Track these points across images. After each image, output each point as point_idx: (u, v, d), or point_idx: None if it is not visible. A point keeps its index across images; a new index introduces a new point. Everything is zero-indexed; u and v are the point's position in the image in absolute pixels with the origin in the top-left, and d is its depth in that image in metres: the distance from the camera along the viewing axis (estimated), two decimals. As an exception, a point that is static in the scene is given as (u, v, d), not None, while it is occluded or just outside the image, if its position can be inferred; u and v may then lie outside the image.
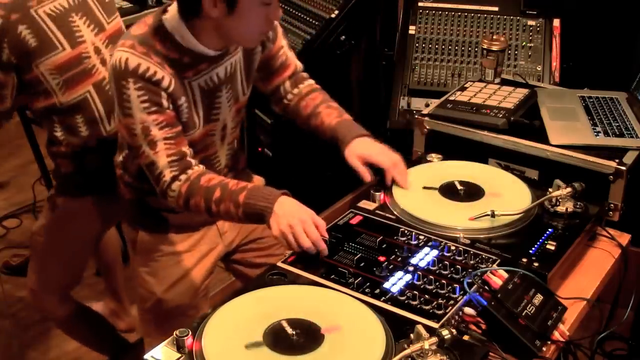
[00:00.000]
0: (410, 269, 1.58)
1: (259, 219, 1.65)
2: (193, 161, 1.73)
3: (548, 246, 1.66)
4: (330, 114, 1.93)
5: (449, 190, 1.86)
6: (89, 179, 2.29)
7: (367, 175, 1.84)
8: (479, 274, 1.51)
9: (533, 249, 1.65)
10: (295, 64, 2.01)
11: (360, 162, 1.84)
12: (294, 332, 1.36)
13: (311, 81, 2.03)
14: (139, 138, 1.69)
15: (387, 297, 1.50)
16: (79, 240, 2.44)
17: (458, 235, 1.69)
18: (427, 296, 1.49)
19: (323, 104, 1.96)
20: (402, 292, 1.51)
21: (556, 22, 2.87)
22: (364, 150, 1.85)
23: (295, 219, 1.60)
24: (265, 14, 1.67)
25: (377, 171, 1.86)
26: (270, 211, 1.62)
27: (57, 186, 2.38)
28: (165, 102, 1.68)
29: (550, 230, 1.72)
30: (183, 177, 1.71)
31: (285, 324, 1.38)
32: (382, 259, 1.61)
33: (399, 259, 1.62)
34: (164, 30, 1.70)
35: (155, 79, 1.66)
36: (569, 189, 1.79)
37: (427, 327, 1.35)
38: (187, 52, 1.72)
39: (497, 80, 2.42)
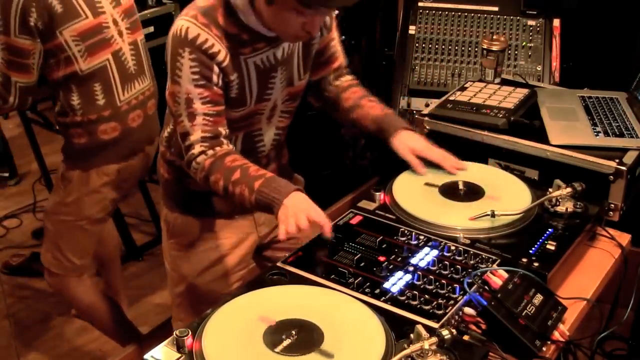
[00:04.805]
0: (410, 269, 1.58)
1: (268, 209, 1.67)
2: (225, 141, 1.75)
3: (548, 246, 1.66)
4: (374, 106, 1.98)
5: (449, 190, 1.86)
6: (102, 149, 2.39)
7: (420, 168, 1.90)
8: (479, 274, 1.51)
9: (533, 249, 1.65)
10: (342, 58, 2.02)
11: (411, 155, 1.90)
12: (294, 332, 1.36)
13: (350, 76, 2.06)
14: (181, 107, 1.73)
15: (387, 297, 1.50)
16: (95, 214, 2.52)
17: (458, 235, 1.69)
18: (427, 296, 1.49)
19: (365, 98, 1.99)
20: (402, 292, 1.51)
21: (556, 22, 2.87)
22: (414, 144, 1.92)
23: (301, 211, 1.61)
24: (301, 22, 1.67)
25: (427, 164, 1.92)
26: (279, 204, 1.64)
27: (68, 161, 2.47)
28: (215, 78, 1.71)
29: (550, 230, 1.72)
30: (210, 152, 1.73)
31: (285, 324, 1.38)
32: (382, 259, 1.61)
33: (399, 259, 1.62)
34: (229, 5, 1.72)
35: (211, 52, 1.69)
36: (569, 189, 1.79)
37: (427, 327, 1.35)
38: (246, 29, 1.73)
39: (497, 80, 2.42)
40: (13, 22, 2.18)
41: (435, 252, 1.64)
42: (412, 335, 1.33)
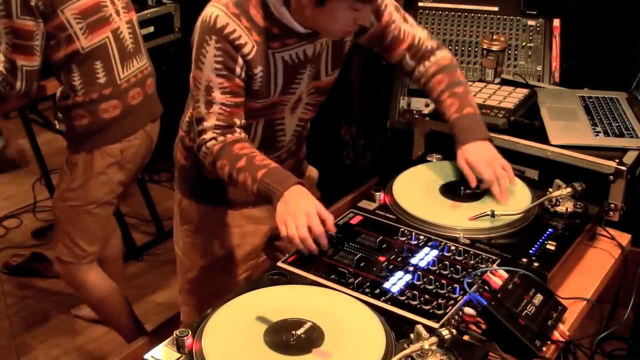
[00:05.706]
0: (410, 269, 1.58)
1: (269, 200, 1.67)
2: (238, 130, 1.75)
3: (548, 246, 1.66)
4: (452, 105, 1.90)
5: (449, 190, 1.86)
6: (104, 129, 2.42)
7: (472, 181, 1.83)
8: (479, 274, 1.52)
9: (533, 249, 1.65)
10: (413, 35, 1.95)
11: (467, 167, 1.84)
12: (294, 332, 1.36)
13: (438, 56, 1.95)
14: (200, 93, 1.74)
15: (387, 297, 1.50)
16: (103, 197, 2.53)
17: (458, 235, 1.69)
18: (427, 296, 1.49)
19: (446, 92, 1.91)
20: (402, 292, 1.51)
21: (556, 22, 2.87)
22: (473, 156, 1.84)
23: (301, 211, 1.61)
24: (353, 17, 1.67)
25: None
26: (280, 195, 1.64)
27: (72, 145, 2.49)
28: (238, 70, 1.71)
29: (550, 230, 1.72)
30: (220, 138, 1.73)
31: (285, 324, 1.38)
32: (382, 259, 1.61)
33: (399, 259, 1.62)
34: None
35: (237, 43, 1.68)
36: (569, 189, 1.79)
37: (427, 327, 1.35)
38: (278, 23, 1.72)
39: (497, 80, 2.42)
40: (14, 4, 2.21)
41: (435, 252, 1.64)
42: (412, 335, 1.33)
